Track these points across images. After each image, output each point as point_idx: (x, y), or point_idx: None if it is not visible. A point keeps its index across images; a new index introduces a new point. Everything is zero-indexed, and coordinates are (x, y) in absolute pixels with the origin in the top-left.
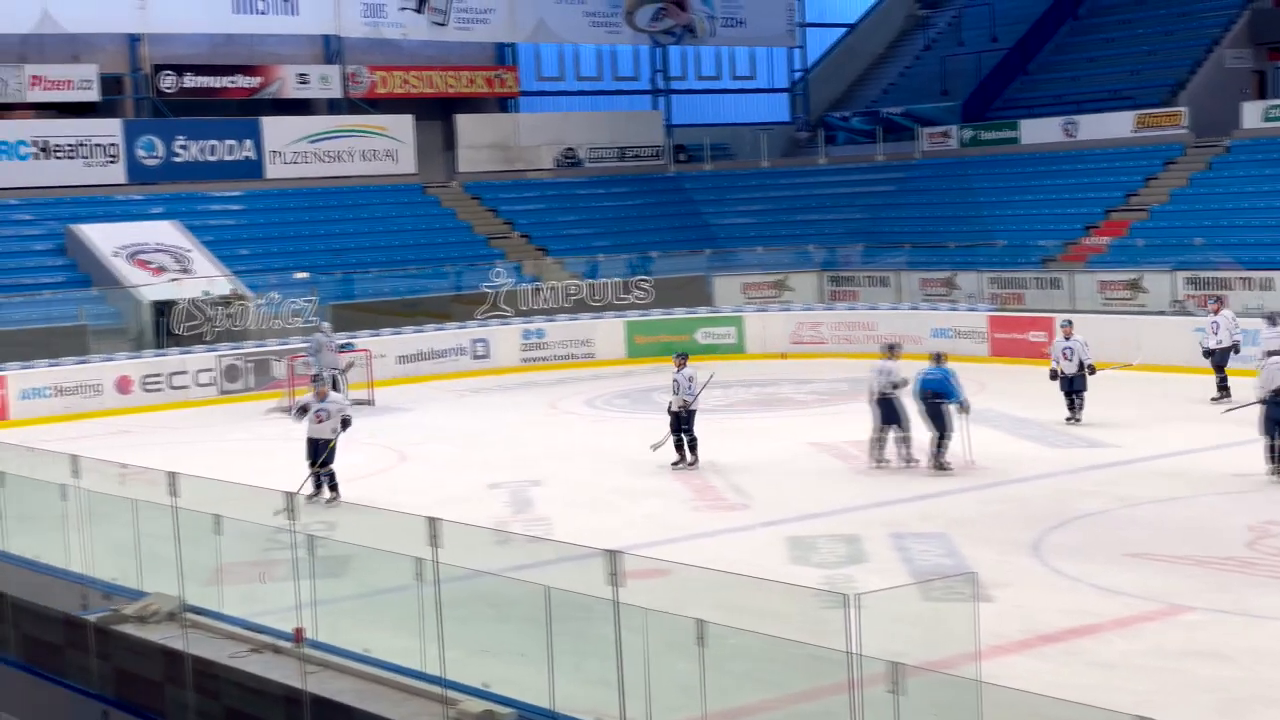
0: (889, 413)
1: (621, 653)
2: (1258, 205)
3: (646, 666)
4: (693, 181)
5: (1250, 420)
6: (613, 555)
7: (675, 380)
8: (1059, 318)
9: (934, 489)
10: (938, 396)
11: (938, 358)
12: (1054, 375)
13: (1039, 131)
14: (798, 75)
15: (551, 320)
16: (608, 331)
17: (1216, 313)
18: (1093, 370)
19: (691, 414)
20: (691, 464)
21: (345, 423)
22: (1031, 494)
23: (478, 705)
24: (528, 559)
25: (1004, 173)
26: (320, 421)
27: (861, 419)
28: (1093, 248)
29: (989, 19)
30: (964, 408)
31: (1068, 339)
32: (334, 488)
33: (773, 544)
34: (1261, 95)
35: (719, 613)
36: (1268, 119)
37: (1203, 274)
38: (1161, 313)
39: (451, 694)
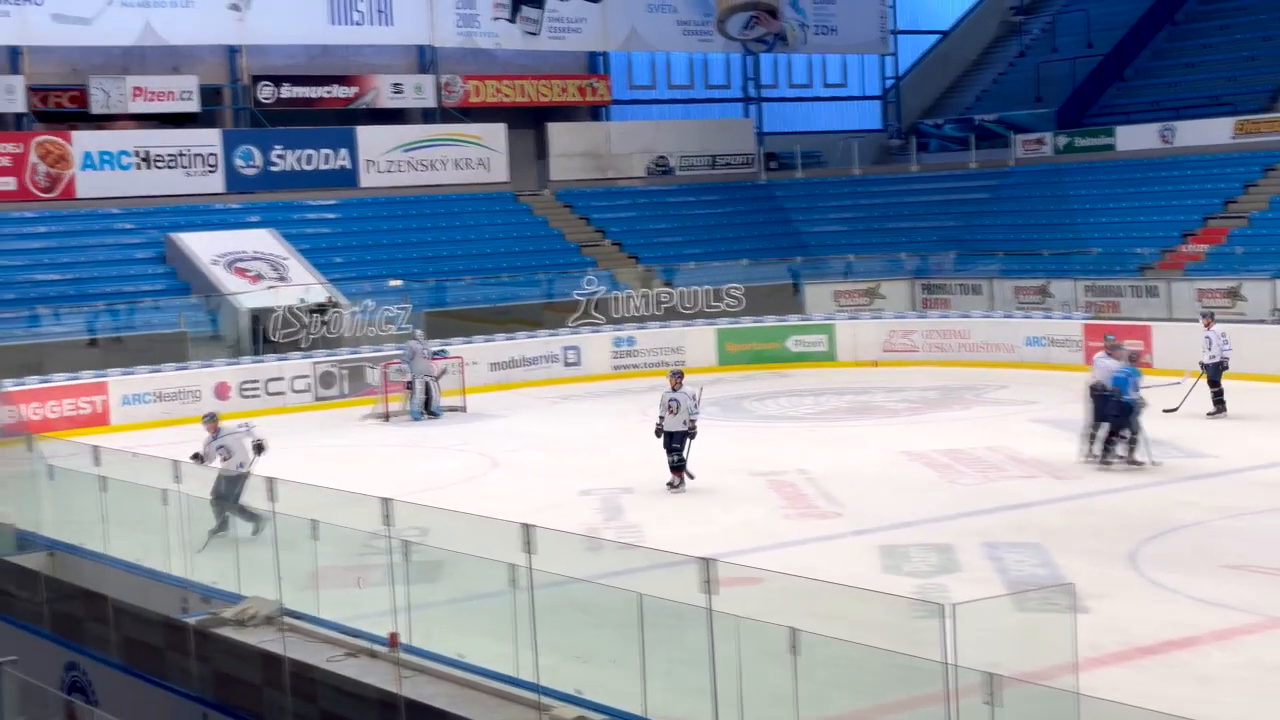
0: (1101, 408)
1: (714, 661)
2: None
3: (739, 675)
4: (784, 189)
5: None
6: (706, 563)
7: (674, 399)
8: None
9: (1027, 499)
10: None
11: (1131, 356)
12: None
13: (1135, 138)
14: (890, 82)
15: (642, 328)
16: (698, 339)
17: (1208, 328)
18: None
19: (693, 434)
20: (675, 485)
21: (259, 448)
22: (1127, 504)
23: (571, 712)
24: (620, 566)
25: (1099, 180)
26: (225, 460)
27: (951, 427)
28: (1190, 255)
29: (1084, 25)
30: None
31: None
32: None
33: (865, 553)
34: None
35: (811, 621)
36: None
37: None
38: (1261, 321)
39: (545, 700)
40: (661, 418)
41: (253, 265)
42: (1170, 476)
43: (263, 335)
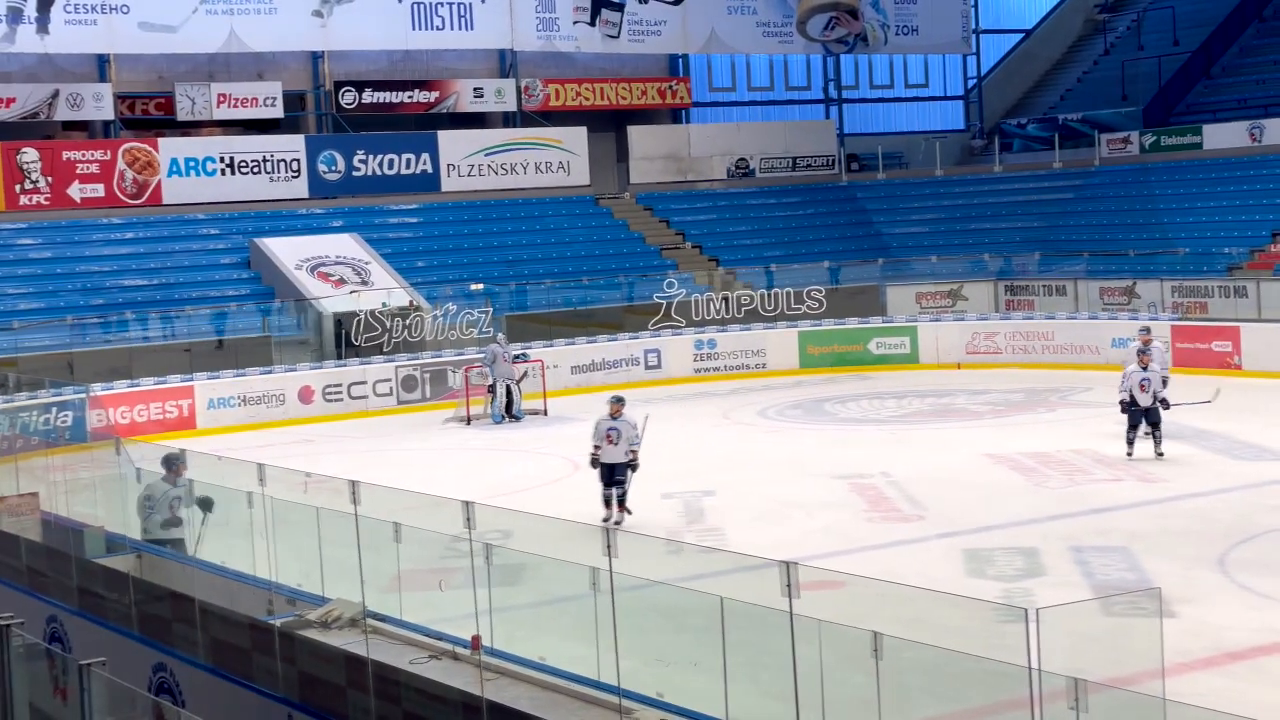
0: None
1: (796, 665)
2: None
3: (821, 679)
4: (865, 191)
5: None
6: (787, 566)
7: (613, 429)
8: (1141, 342)
9: (1113, 502)
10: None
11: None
12: (1126, 407)
13: (1223, 136)
14: (972, 82)
15: (723, 331)
16: (780, 342)
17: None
18: (1165, 405)
19: (635, 466)
20: (618, 522)
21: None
22: (1215, 508)
23: (653, 715)
24: (701, 569)
25: (1186, 179)
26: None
27: (1035, 429)
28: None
29: (1170, 22)
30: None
31: (1145, 369)
32: None
33: (948, 556)
34: None
35: (895, 625)
36: None
37: None
38: None
39: (627, 703)
40: (598, 447)
41: (335, 269)
42: (1258, 480)
43: (345, 339)
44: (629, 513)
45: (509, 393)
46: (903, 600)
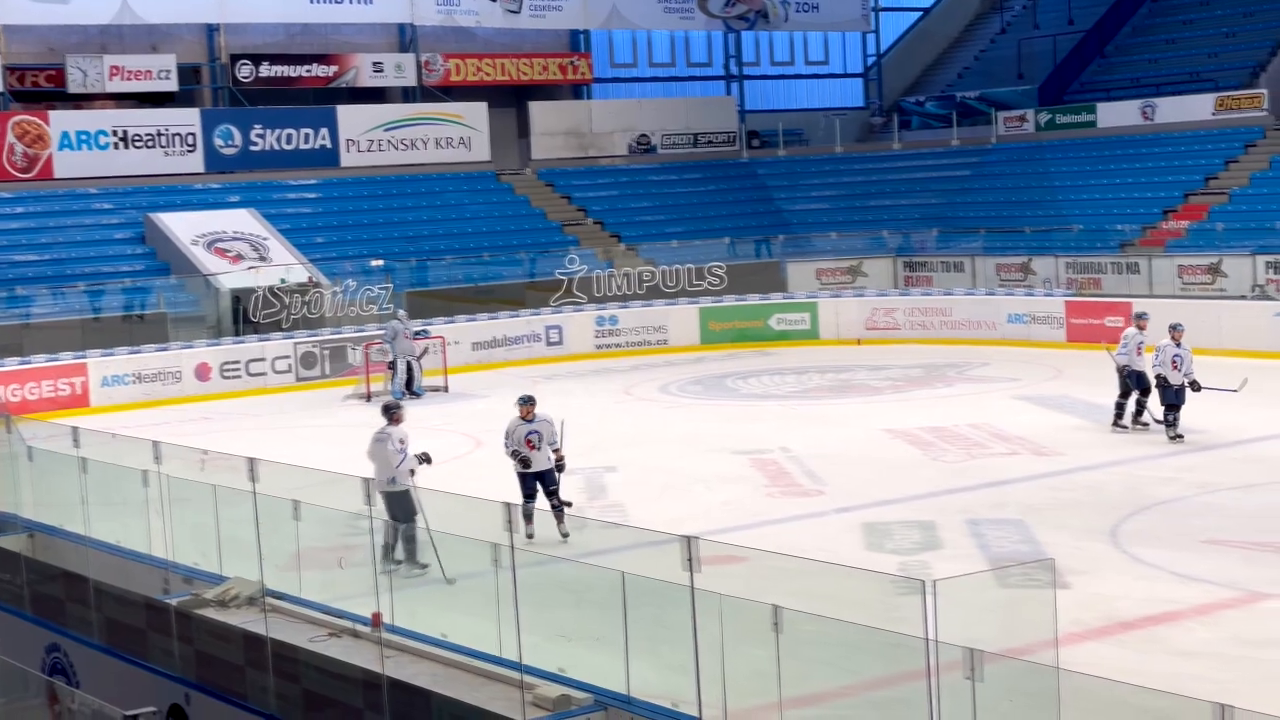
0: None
1: (697, 639)
2: None
3: (722, 652)
4: (766, 167)
5: None
6: (688, 541)
7: (534, 433)
8: (1170, 320)
9: (1008, 475)
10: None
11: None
12: (1159, 384)
13: (1116, 115)
14: (872, 60)
15: (625, 307)
16: (681, 318)
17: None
18: (1198, 387)
19: (562, 468)
20: (566, 537)
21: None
22: (1108, 480)
23: (554, 690)
24: (603, 545)
25: (1081, 157)
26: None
27: (934, 404)
28: (1171, 232)
29: (1065, 1)
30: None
31: (1178, 345)
32: None
33: (848, 530)
34: None
35: (795, 599)
36: None
37: None
38: (1242, 297)
39: (528, 679)
40: (517, 454)
41: (233, 245)
42: (1151, 453)
43: (243, 316)
44: (569, 504)
45: (409, 369)
46: (802, 574)
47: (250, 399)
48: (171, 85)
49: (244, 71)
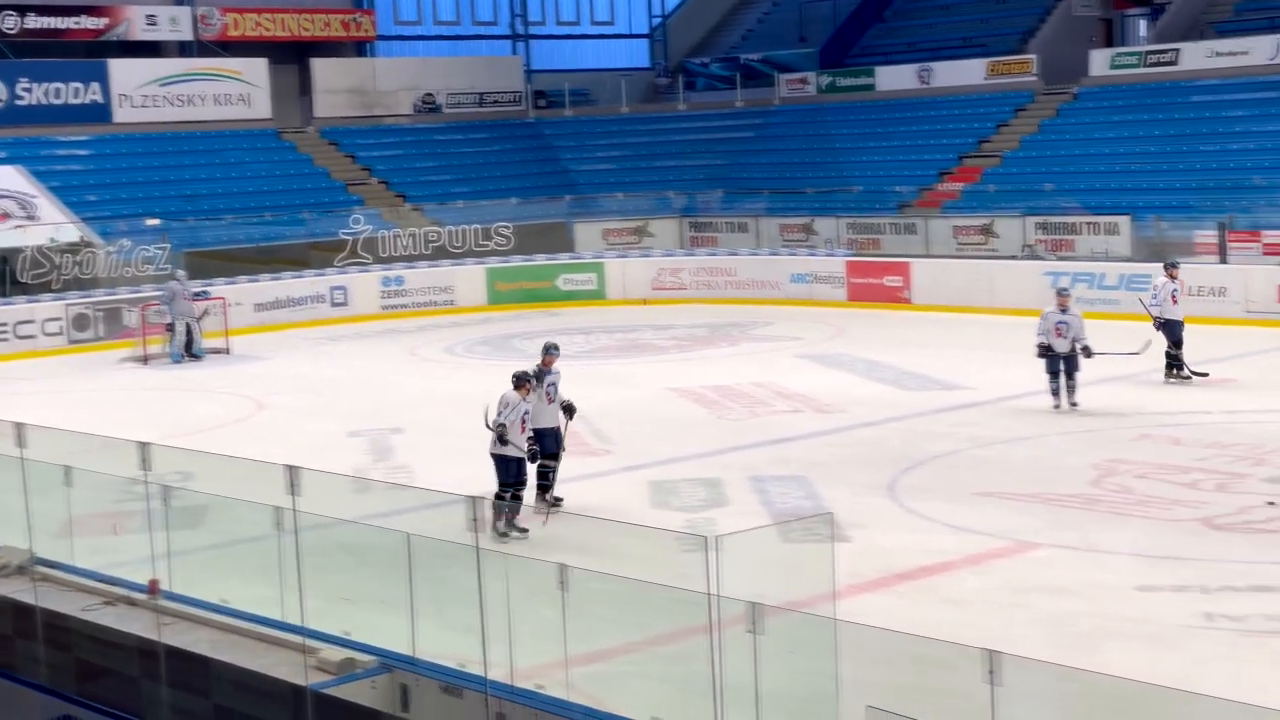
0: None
1: (483, 599)
2: (1104, 151)
3: (509, 612)
4: (553, 128)
5: (1101, 362)
6: (474, 501)
7: (551, 386)
8: (1057, 285)
9: (792, 432)
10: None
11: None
12: (1043, 352)
13: (894, 78)
14: (657, 21)
15: (411, 267)
16: (468, 278)
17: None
18: (1089, 353)
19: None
20: (556, 503)
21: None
22: (886, 436)
23: (338, 654)
24: (389, 506)
25: (860, 119)
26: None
27: (719, 363)
28: (947, 193)
29: None
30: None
31: (1064, 311)
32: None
33: (635, 488)
34: (1108, 43)
35: (581, 557)
36: (1114, 66)
37: (1052, 219)
38: (1013, 257)
39: (311, 643)
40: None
41: None
42: (927, 408)
43: (10, 276)
44: (562, 499)
45: (189, 331)
46: (589, 532)
47: (19, 362)
48: None
49: (8, 22)
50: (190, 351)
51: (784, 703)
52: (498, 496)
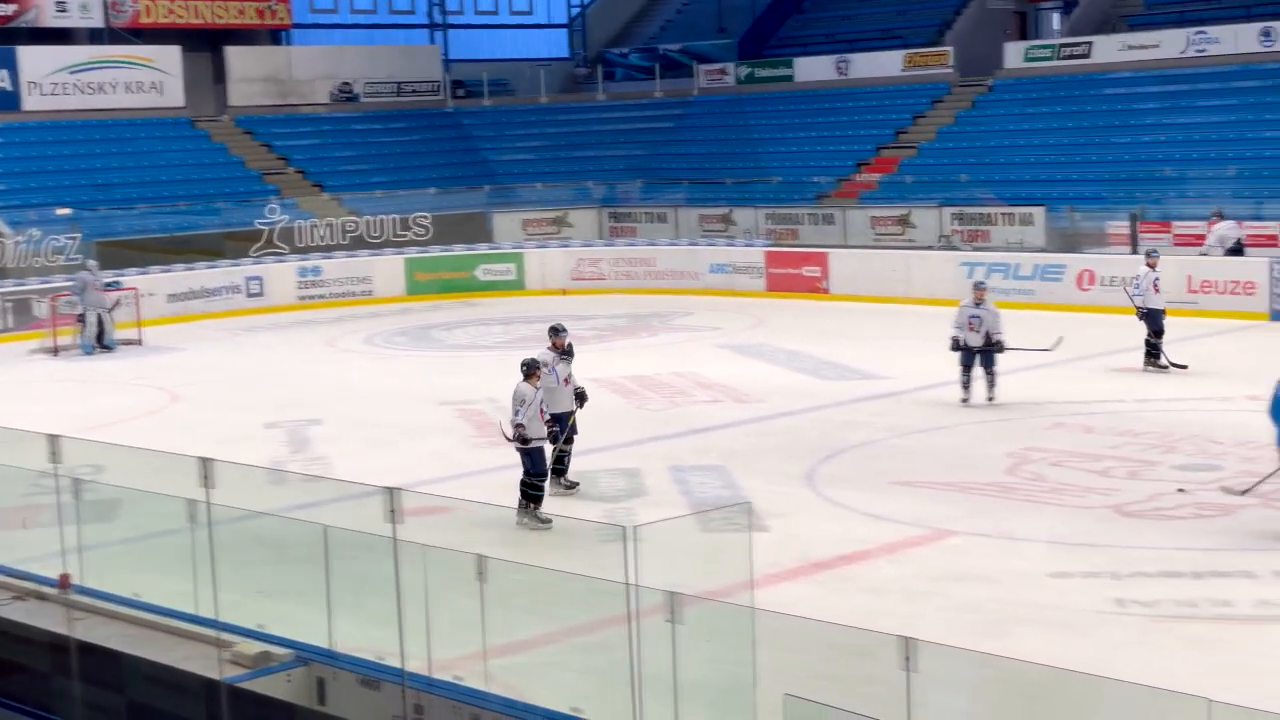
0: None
1: (401, 590)
2: (1019, 143)
3: (426, 603)
4: (471, 117)
5: (1015, 353)
6: (391, 492)
7: (564, 365)
8: (974, 279)
9: (711, 422)
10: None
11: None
12: (955, 346)
13: (813, 70)
14: (576, 11)
15: (328, 257)
16: (386, 269)
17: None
18: (1001, 348)
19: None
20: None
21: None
22: (805, 425)
23: (254, 647)
24: (306, 498)
25: (779, 110)
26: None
27: (638, 354)
28: (864, 184)
29: None
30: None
31: (979, 305)
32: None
33: (553, 478)
34: (1023, 36)
35: (500, 548)
36: (1028, 59)
37: (968, 210)
38: (929, 247)
39: (226, 636)
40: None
41: None
42: (845, 398)
43: None
44: (577, 483)
45: (100, 322)
46: (507, 523)
47: None
48: None
49: None
50: (102, 343)
51: (703, 691)
52: (532, 487)
